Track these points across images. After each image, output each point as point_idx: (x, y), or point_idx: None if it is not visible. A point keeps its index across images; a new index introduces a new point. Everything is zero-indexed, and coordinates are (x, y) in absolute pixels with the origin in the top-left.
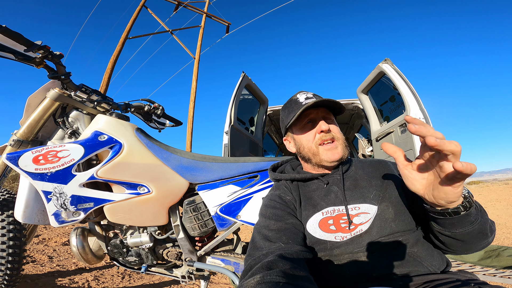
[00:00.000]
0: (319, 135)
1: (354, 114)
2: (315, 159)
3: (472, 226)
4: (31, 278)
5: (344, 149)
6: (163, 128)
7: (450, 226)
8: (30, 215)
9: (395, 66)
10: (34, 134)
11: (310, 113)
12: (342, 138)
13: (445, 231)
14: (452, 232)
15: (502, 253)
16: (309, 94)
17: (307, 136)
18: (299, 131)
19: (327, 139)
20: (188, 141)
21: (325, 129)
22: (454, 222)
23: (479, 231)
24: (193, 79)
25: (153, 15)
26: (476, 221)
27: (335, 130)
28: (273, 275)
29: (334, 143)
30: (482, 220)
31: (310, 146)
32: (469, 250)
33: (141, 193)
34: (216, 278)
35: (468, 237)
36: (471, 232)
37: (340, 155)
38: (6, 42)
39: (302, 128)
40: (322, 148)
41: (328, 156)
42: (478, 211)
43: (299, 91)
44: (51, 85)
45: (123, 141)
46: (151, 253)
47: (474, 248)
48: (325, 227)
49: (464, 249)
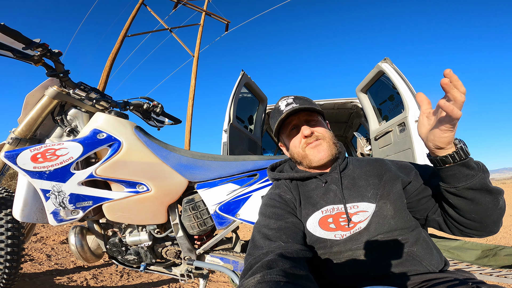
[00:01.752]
0: (304, 139)
1: (353, 113)
2: (305, 161)
3: (472, 180)
4: (29, 276)
5: (331, 146)
6: (162, 126)
7: (452, 179)
8: (28, 213)
9: (395, 66)
10: (33, 132)
11: (292, 120)
12: (328, 137)
13: (450, 187)
14: (456, 188)
15: (499, 253)
16: (289, 99)
17: (294, 142)
18: (287, 138)
19: (311, 142)
20: (187, 139)
21: (307, 134)
22: (455, 174)
23: (481, 186)
24: (192, 77)
25: (152, 13)
26: (476, 175)
27: (320, 131)
28: (273, 274)
29: (318, 141)
30: (483, 175)
31: (298, 151)
32: (484, 219)
33: (140, 191)
34: (215, 277)
35: (473, 195)
36: (472, 187)
37: (326, 151)
38: (4, 40)
39: (288, 135)
40: (308, 148)
41: (315, 154)
42: (480, 168)
43: (282, 97)
44: (49, 83)
45: (122, 139)
46: (150, 252)
47: (487, 213)
48: (325, 226)
49: (478, 215)
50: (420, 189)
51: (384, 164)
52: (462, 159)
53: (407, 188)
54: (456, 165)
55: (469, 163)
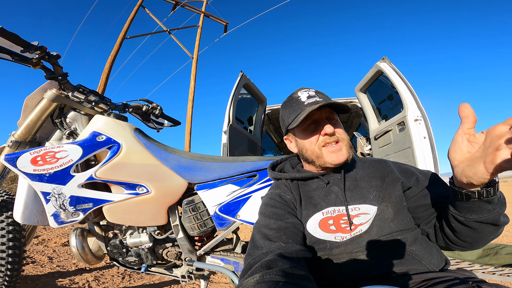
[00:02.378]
0: (322, 137)
1: (353, 112)
2: (319, 161)
3: (488, 215)
4: (31, 279)
5: (349, 150)
6: (161, 128)
7: (466, 211)
8: (29, 216)
9: (393, 65)
10: (32, 135)
11: (313, 114)
12: (346, 139)
13: (460, 215)
14: (466, 218)
15: (500, 251)
16: (311, 91)
17: (310, 139)
18: (301, 133)
19: (330, 142)
20: (187, 141)
21: (330, 132)
22: (472, 207)
23: (493, 221)
24: (191, 78)
25: (151, 15)
26: (493, 211)
27: (340, 132)
28: (272, 274)
29: (338, 144)
30: (499, 211)
31: (313, 148)
32: (476, 243)
33: (140, 193)
34: (216, 278)
35: (480, 226)
36: (485, 221)
37: (345, 157)
38: (2, 43)
39: (305, 130)
40: (326, 150)
41: (333, 158)
42: (499, 203)
43: (300, 88)
44: (48, 85)
45: (121, 141)
46: (151, 253)
47: (482, 240)
48: (325, 227)
49: (473, 240)
50: (418, 197)
51: (387, 165)
52: (490, 197)
53: (406, 193)
54: (479, 201)
55: (493, 199)
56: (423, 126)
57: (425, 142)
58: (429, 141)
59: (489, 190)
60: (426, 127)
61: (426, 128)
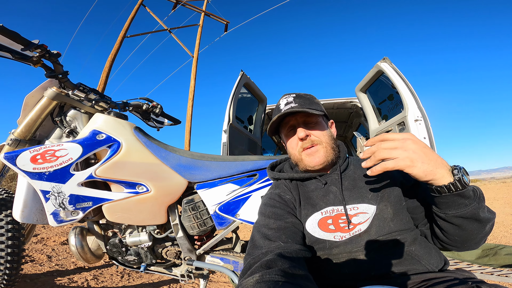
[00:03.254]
0: (300, 142)
1: (353, 112)
2: (301, 165)
3: (464, 210)
4: (30, 277)
5: (328, 152)
6: (161, 126)
7: (443, 206)
8: (28, 214)
9: (394, 65)
10: (32, 133)
11: (290, 120)
12: (325, 141)
13: (441, 212)
14: (446, 214)
15: (499, 252)
16: (290, 97)
17: (291, 144)
18: (285, 138)
19: (307, 146)
20: (187, 140)
21: (302, 136)
22: (448, 202)
23: (471, 215)
24: (192, 77)
25: (151, 13)
26: (469, 205)
27: (317, 134)
28: (272, 274)
29: (315, 147)
30: (476, 205)
31: (294, 153)
32: (467, 242)
33: (139, 192)
34: (215, 277)
35: (462, 222)
36: (463, 215)
37: (321, 159)
38: (3, 41)
39: (287, 135)
40: (305, 153)
41: (309, 161)
42: (476, 197)
43: (284, 95)
44: (48, 84)
45: (121, 140)
46: (150, 252)
47: (471, 238)
48: (324, 227)
49: (462, 239)
50: (417, 197)
51: None
52: (459, 190)
53: (405, 193)
54: (451, 195)
55: (466, 193)
56: (423, 127)
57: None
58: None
59: (455, 184)
60: (426, 128)
61: (426, 128)
